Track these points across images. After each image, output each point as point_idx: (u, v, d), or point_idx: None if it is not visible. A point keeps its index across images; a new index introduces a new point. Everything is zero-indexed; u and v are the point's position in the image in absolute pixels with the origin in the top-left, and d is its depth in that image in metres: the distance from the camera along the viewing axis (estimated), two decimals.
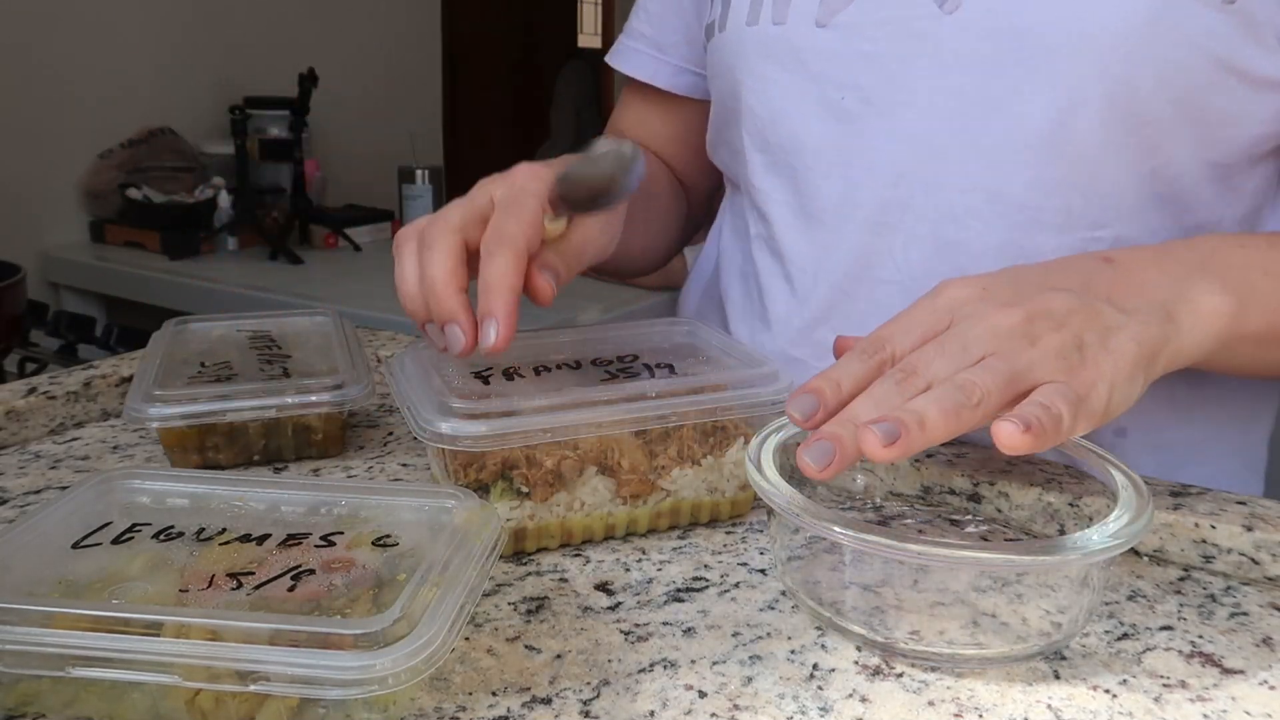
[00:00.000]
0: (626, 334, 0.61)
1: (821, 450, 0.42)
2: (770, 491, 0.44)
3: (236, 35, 2.40)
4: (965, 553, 0.41)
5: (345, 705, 0.37)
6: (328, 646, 0.35)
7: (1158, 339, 0.48)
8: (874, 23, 0.64)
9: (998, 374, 0.43)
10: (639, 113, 0.87)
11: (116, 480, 0.46)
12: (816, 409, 0.45)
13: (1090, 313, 0.47)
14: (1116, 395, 0.45)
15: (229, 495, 0.46)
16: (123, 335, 1.81)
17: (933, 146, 0.63)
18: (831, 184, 0.67)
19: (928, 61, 0.62)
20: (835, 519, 0.41)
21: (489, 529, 0.43)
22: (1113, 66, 0.58)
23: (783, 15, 0.67)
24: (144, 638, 0.36)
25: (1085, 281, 0.51)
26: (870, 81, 0.64)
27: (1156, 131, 0.59)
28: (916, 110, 0.63)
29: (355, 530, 0.43)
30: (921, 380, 0.44)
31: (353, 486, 0.47)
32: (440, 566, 0.39)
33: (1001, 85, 0.60)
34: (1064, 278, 0.51)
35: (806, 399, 0.45)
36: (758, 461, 0.46)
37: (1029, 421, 0.41)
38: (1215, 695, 0.41)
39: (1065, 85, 0.59)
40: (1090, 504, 0.51)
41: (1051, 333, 0.45)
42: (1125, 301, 0.49)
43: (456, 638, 0.37)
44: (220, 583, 0.39)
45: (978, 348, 0.45)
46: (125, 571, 0.40)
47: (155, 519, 0.44)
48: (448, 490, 0.45)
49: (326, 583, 0.39)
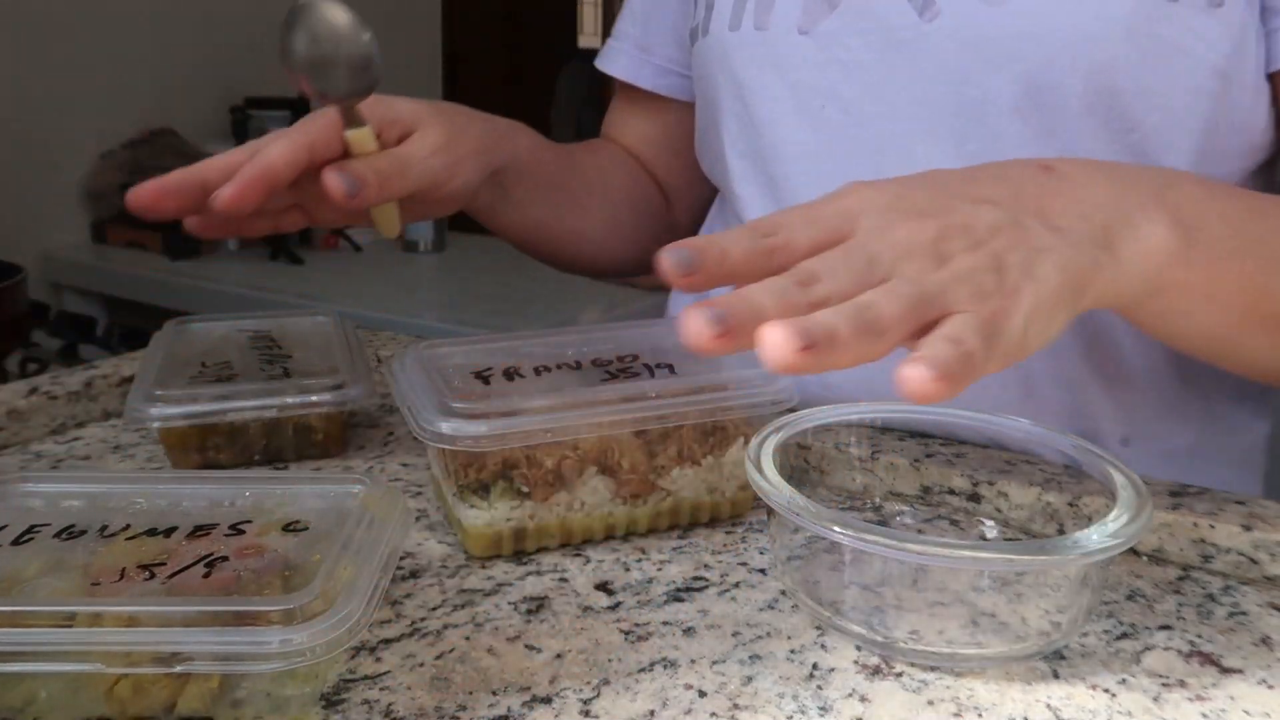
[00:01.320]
0: (626, 334, 0.61)
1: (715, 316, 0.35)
2: (770, 491, 0.44)
3: (238, 35, 2.40)
4: (964, 552, 0.41)
5: (267, 684, 0.37)
6: (248, 624, 0.35)
7: (1089, 268, 0.42)
8: (855, 31, 0.63)
9: (902, 299, 0.37)
10: (625, 115, 0.86)
11: (7, 484, 0.46)
12: (694, 265, 0.39)
13: (1015, 231, 0.41)
14: (1033, 330, 0.39)
15: (127, 493, 0.45)
16: (124, 335, 1.81)
17: (912, 155, 0.63)
18: (810, 192, 0.66)
19: (908, 71, 0.62)
20: (835, 519, 0.41)
21: (397, 509, 0.44)
22: (1092, 74, 0.57)
23: (765, 21, 0.66)
24: (60, 629, 0.35)
25: (1015, 191, 0.44)
26: (850, 91, 0.64)
27: (1143, 139, 0.59)
28: (896, 119, 0.63)
29: (263, 518, 0.43)
30: (823, 288, 0.38)
31: (255, 477, 0.47)
32: (354, 546, 0.40)
33: (979, 94, 0.60)
34: (991, 186, 0.45)
35: (683, 251, 0.39)
36: (757, 461, 0.46)
37: (939, 365, 0.35)
38: (1214, 695, 0.41)
39: (1042, 92, 0.58)
40: (1089, 504, 0.51)
41: (966, 252, 0.40)
42: (1059, 218, 0.43)
43: (375, 611, 0.38)
44: (133, 575, 0.39)
45: (882, 264, 0.39)
46: (22, 573, 0.39)
47: (54, 519, 0.43)
48: (352, 476, 0.46)
49: (240, 568, 0.39)
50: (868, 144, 0.64)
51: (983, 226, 0.41)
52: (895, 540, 0.40)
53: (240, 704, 0.37)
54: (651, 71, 0.81)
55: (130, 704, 0.37)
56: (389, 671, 0.42)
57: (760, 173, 0.69)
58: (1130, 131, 0.58)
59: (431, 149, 0.58)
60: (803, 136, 0.66)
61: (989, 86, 0.60)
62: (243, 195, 0.52)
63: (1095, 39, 0.57)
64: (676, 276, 0.39)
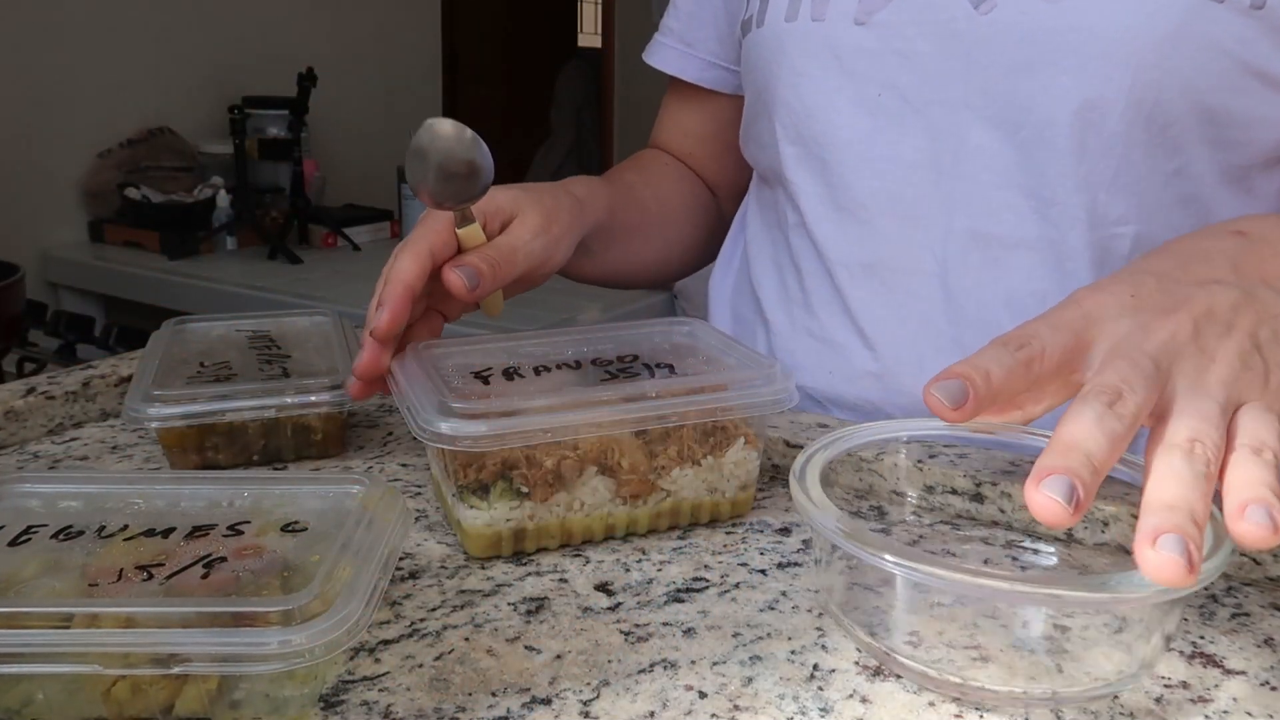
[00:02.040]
0: (626, 334, 0.61)
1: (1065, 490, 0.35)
2: (817, 516, 0.41)
3: (236, 35, 2.40)
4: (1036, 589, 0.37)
5: (266, 685, 0.37)
6: (247, 625, 0.35)
7: None
8: (911, 22, 0.65)
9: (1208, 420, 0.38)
10: (674, 111, 0.90)
11: (4, 485, 0.45)
12: (966, 397, 0.40)
13: (1253, 304, 0.43)
14: None
15: (125, 493, 0.45)
16: (122, 335, 1.81)
17: (966, 143, 0.65)
18: (864, 179, 0.68)
19: (963, 61, 0.64)
20: (886, 546, 0.38)
21: (396, 510, 0.44)
22: (1141, 70, 0.59)
23: (822, 13, 0.68)
24: (57, 630, 0.35)
25: (1232, 264, 0.46)
26: (906, 79, 0.66)
27: (1181, 132, 0.61)
28: (950, 108, 0.65)
29: (262, 519, 0.43)
30: (1131, 403, 0.38)
31: (253, 478, 0.47)
32: (352, 546, 0.40)
33: (1033, 85, 0.62)
34: (1207, 265, 0.46)
35: (954, 384, 0.40)
36: (802, 478, 0.43)
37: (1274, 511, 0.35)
38: (1217, 696, 0.41)
39: (1093, 86, 0.60)
40: (1103, 509, 0.51)
41: (1223, 339, 0.41)
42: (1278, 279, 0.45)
43: (374, 612, 0.38)
44: (131, 576, 0.39)
45: (1162, 367, 0.40)
46: (20, 574, 0.39)
47: (52, 520, 0.43)
48: (351, 476, 0.46)
49: (239, 569, 0.39)
50: (923, 132, 0.66)
51: (1225, 308, 0.43)
52: (948, 571, 0.37)
53: (239, 705, 0.37)
54: (698, 65, 0.84)
55: (128, 705, 0.36)
56: (388, 672, 0.41)
57: (814, 159, 0.71)
58: (1169, 126, 0.60)
59: (532, 233, 0.62)
60: (858, 123, 0.68)
61: (1043, 78, 0.61)
62: (396, 317, 0.55)
63: (1145, 35, 0.59)
64: (948, 411, 0.40)
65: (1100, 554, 0.51)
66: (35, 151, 2.07)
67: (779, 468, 0.61)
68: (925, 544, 0.53)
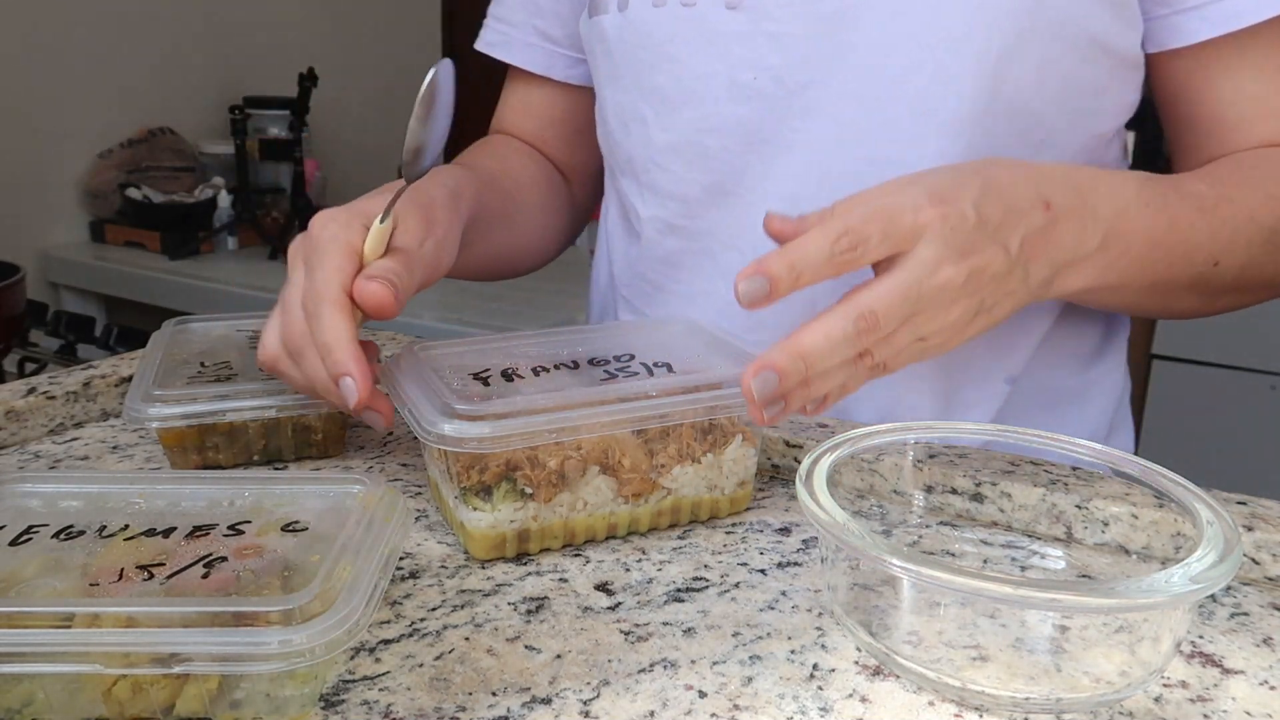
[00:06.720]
0: (624, 334, 0.61)
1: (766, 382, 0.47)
2: (824, 520, 0.41)
3: (236, 35, 2.40)
4: (1050, 594, 0.37)
5: (266, 684, 0.37)
6: (247, 624, 0.35)
7: (1027, 300, 0.53)
8: (782, 4, 0.65)
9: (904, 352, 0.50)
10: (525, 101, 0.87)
11: (5, 484, 0.45)
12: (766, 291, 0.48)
13: (1004, 283, 0.51)
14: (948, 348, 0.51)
15: (125, 493, 0.45)
16: (122, 335, 1.81)
17: (841, 123, 0.65)
18: (745, 161, 0.68)
19: (834, 41, 0.64)
20: (893, 551, 0.38)
21: (397, 510, 0.44)
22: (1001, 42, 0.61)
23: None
24: (58, 630, 0.35)
25: (1022, 237, 0.52)
26: (780, 61, 0.66)
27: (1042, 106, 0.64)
28: (826, 88, 0.65)
29: (262, 519, 0.43)
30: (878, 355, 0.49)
31: (254, 477, 0.47)
32: (353, 546, 0.40)
33: (902, 62, 0.63)
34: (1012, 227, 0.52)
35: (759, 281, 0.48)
36: (808, 480, 0.43)
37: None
38: (1216, 695, 0.41)
39: (958, 61, 0.62)
40: (1101, 508, 0.51)
41: (967, 298, 0.50)
42: (1036, 268, 0.52)
43: (374, 612, 0.38)
44: (131, 575, 0.39)
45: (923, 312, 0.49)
46: (21, 574, 0.39)
47: (52, 520, 0.43)
48: (351, 476, 0.46)
49: (239, 569, 0.39)
50: (801, 112, 0.66)
51: (990, 273, 0.50)
52: (958, 576, 0.37)
53: (239, 705, 0.37)
54: (564, 63, 0.82)
55: (129, 705, 0.37)
56: (388, 672, 0.42)
57: (690, 145, 0.70)
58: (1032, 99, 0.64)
59: (417, 239, 0.57)
60: (735, 108, 0.68)
61: (908, 53, 0.63)
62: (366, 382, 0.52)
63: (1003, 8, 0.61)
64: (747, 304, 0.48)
65: (1100, 554, 0.51)
66: (36, 151, 2.07)
67: (778, 467, 0.61)
68: (925, 544, 0.53)
